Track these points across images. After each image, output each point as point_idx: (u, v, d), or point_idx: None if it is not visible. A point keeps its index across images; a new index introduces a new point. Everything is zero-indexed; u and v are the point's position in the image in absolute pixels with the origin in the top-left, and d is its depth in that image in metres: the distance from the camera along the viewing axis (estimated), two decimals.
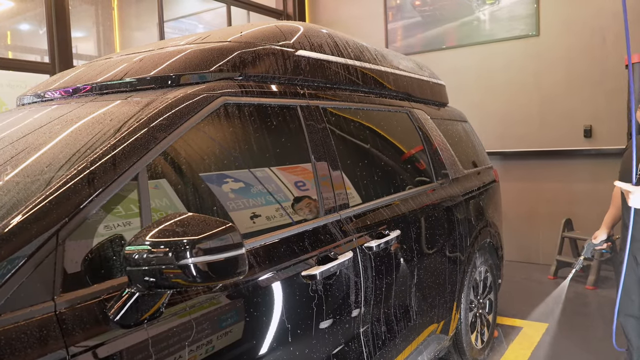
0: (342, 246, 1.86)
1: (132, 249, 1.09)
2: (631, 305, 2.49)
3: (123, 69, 1.85)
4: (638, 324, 2.51)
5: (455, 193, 2.88)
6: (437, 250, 2.55)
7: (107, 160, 1.27)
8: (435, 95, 3.40)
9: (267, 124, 1.83)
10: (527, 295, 4.47)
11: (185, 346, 1.27)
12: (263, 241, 1.58)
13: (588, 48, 4.98)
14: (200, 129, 1.58)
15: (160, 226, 1.11)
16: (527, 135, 5.37)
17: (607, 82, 4.76)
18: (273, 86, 1.91)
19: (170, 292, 1.19)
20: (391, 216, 2.22)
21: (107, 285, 1.17)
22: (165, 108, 1.49)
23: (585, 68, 4.93)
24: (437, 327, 2.62)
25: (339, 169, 2.04)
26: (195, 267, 1.07)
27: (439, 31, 5.87)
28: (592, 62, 4.84)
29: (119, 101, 1.62)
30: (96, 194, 1.21)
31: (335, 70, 2.28)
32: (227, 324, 1.41)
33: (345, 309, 1.84)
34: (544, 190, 5.37)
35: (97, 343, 1.09)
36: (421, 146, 2.84)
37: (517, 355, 3.26)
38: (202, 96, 1.59)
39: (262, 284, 1.52)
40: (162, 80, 1.72)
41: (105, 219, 1.27)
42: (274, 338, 1.54)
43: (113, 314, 1.13)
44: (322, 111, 2.07)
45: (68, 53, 4.22)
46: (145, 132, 1.39)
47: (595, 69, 4.84)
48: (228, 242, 1.12)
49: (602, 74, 4.71)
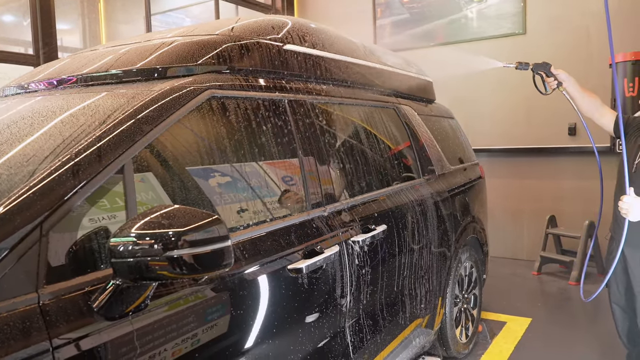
0: (328, 240, 1.87)
1: (117, 241, 1.09)
2: (618, 295, 2.56)
3: (109, 61, 1.83)
4: (622, 313, 2.58)
5: (442, 189, 2.91)
6: (423, 245, 2.57)
7: (92, 152, 1.26)
8: (423, 92, 3.42)
9: (255, 118, 1.83)
10: (511, 291, 4.53)
11: (171, 339, 1.27)
12: (249, 234, 1.58)
13: (573, 47, 5.04)
14: (187, 122, 1.57)
15: (146, 218, 1.11)
16: (513, 132, 5.43)
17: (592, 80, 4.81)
18: (261, 80, 1.90)
19: (155, 285, 1.18)
20: (377, 211, 2.23)
21: (91, 277, 1.17)
22: (151, 100, 1.48)
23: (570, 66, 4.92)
24: (422, 322, 2.65)
25: (325, 163, 2.04)
26: (181, 259, 1.07)
27: (427, 28, 5.90)
28: (577, 61, 4.90)
29: (104, 93, 1.61)
30: (80, 185, 1.20)
31: (324, 65, 2.28)
32: (213, 317, 1.41)
33: (331, 302, 1.85)
34: (529, 187, 5.43)
35: (81, 335, 1.09)
36: (408, 142, 2.85)
37: (501, 349, 3.30)
38: (189, 89, 1.59)
39: (248, 277, 1.52)
40: (149, 72, 1.71)
41: (91, 211, 1.26)
42: (260, 331, 1.54)
43: (97, 306, 1.12)
44: (309, 106, 2.07)
45: (53, 45, 4.16)
46: (131, 124, 1.38)
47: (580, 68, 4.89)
48: (214, 235, 1.12)
49: (587, 72, 4.76)
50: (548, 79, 2.61)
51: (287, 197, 1.91)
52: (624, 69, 4.50)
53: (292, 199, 1.91)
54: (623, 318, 2.60)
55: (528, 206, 5.45)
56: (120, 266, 1.09)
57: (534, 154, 5.35)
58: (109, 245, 1.09)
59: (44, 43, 4.10)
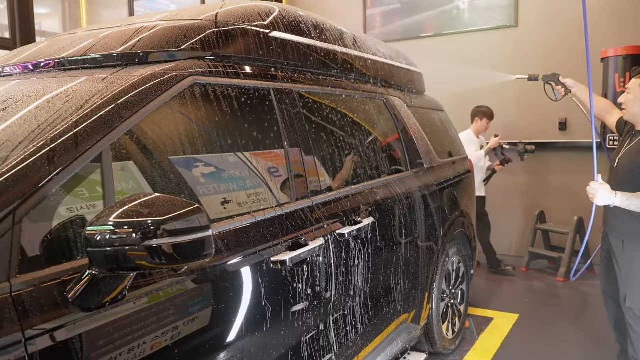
0: (313, 232, 1.87)
1: (93, 230, 1.08)
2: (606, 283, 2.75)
3: (88, 45, 1.81)
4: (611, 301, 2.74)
5: (430, 182, 2.92)
6: (410, 239, 2.58)
7: (69, 138, 1.25)
8: (412, 83, 3.43)
9: (239, 106, 1.82)
10: (499, 287, 4.58)
11: (150, 332, 1.27)
12: (232, 225, 1.58)
13: (565, 40, 5.08)
14: (169, 109, 1.56)
15: (124, 206, 1.10)
16: (503, 126, 5.46)
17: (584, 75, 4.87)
18: (246, 67, 1.89)
19: (133, 275, 1.18)
20: (364, 204, 2.24)
21: (66, 266, 1.16)
22: (131, 86, 1.46)
23: (562, 60, 5.02)
24: (408, 317, 2.67)
25: (312, 154, 2.04)
26: (160, 248, 1.06)
27: (418, 19, 5.90)
28: (569, 54, 4.94)
29: (83, 78, 1.58)
30: (56, 172, 1.18)
31: (311, 54, 2.27)
32: (194, 309, 1.40)
33: (314, 296, 1.86)
34: (518, 182, 5.49)
35: (55, 326, 1.08)
36: (396, 134, 2.86)
37: (487, 345, 3.35)
38: (171, 75, 1.57)
39: (230, 269, 1.52)
40: (130, 57, 1.69)
41: (68, 200, 1.25)
42: (241, 324, 1.54)
43: (73, 296, 1.11)
44: (296, 95, 2.06)
45: (30, 29, 4.09)
46: (110, 110, 1.36)
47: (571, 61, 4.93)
48: (194, 224, 1.12)
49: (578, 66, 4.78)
50: (557, 87, 2.92)
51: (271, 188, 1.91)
52: (615, 64, 4.55)
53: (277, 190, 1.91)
54: (610, 305, 2.78)
55: (517, 201, 5.51)
56: (96, 256, 1.08)
57: None
58: (85, 234, 1.08)
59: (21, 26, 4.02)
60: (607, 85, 4.62)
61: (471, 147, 4.72)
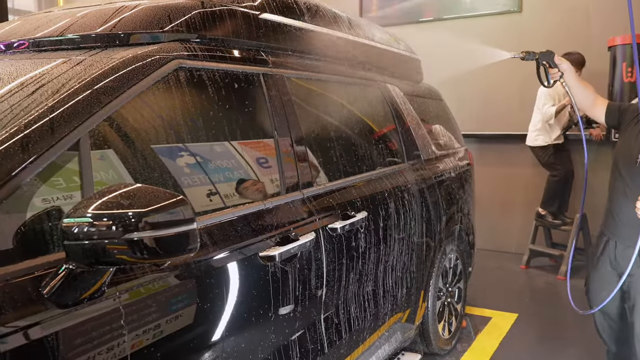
0: (304, 227, 1.87)
1: (70, 222, 1.07)
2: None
3: (65, 24, 1.79)
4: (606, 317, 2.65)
5: (427, 175, 2.93)
6: (406, 234, 2.59)
7: (44, 123, 1.23)
8: (410, 71, 3.43)
9: (226, 92, 1.81)
10: (498, 285, 4.62)
11: (130, 330, 1.26)
12: (218, 218, 1.57)
13: (571, 27, 5.09)
14: (151, 94, 1.55)
15: (103, 197, 1.09)
16: (505, 117, 5.48)
17: (590, 64, 4.88)
18: (234, 51, 1.88)
19: (113, 270, 1.17)
20: (358, 197, 2.24)
21: (41, 261, 1.15)
22: (111, 69, 1.45)
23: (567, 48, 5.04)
24: (402, 316, 2.69)
25: (303, 144, 2.04)
26: (142, 242, 1.06)
27: (417, 3, 5.89)
28: (574, 42, 4.95)
29: (59, 60, 1.57)
30: (30, 160, 1.17)
31: (303, 38, 2.26)
32: (177, 307, 1.40)
33: (305, 293, 1.86)
34: (520, 176, 5.52)
35: (29, 323, 1.07)
36: (393, 124, 2.86)
37: (485, 345, 3.38)
38: (154, 58, 1.56)
39: (216, 264, 1.52)
40: (109, 38, 1.68)
41: (43, 190, 1.24)
42: (227, 323, 1.54)
43: (48, 292, 1.10)
44: (287, 81, 2.06)
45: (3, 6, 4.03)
46: (88, 94, 1.35)
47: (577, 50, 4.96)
48: (178, 217, 1.11)
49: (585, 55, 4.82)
50: (551, 70, 2.62)
51: (259, 180, 1.90)
52: (623, 53, 4.56)
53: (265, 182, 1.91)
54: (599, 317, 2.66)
55: (518, 196, 5.54)
56: (74, 249, 1.07)
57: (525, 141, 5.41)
58: (62, 226, 1.07)
59: None
60: (614, 75, 4.63)
61: (548, 102, 4.71)
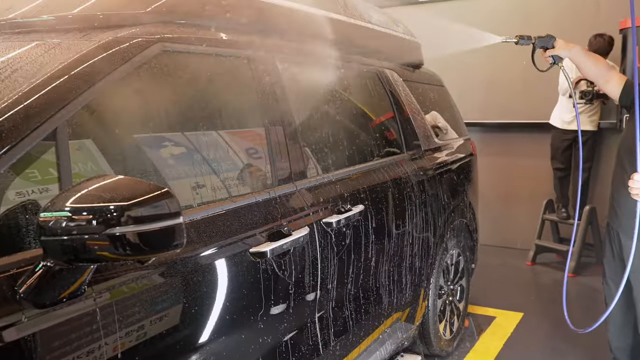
0: (297, 221, 1.88)
1: (48, 216, 1.07)
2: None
3: (39, 5, 1.78)
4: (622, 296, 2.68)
5: (428, 166, 2.94)
6: (405, 229, 2.61)
7: (18, 111, 1.23)
8: (410, 55, 3.43)
9: (213, 78, 1.80)
10: (502, 283, 4.65)
11: (113, 331, 1.27)
12: (206, 213, 1.58)
13: (579, 10, 5.10)
14: (133, 80, 1.54)
15: (82, 190, 1.09)
16: (510, 105, 5.49)
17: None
18: (221, 33, 1.87)
19: (94, 267, 1.17)
20: (354, 189, 2.25)
21: (17, 258, 1.15)
22: (89, 53, 1.44)
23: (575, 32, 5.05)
24: (401, 315, 2.71)
25: (296, 133, 2.04)
26: (125, 237, 1.06)
27: None
28: (582, 27, 4.95)
29: (33, 43, 1.56)
30: (3, 151, 1.17)
31: (296, 20, 2.25)
32: (162, 306, 1.41)
33: (299, 292, 1.87)
34: (526, 167, 5.54)
35: (4, 325, 1.07)
36: (391, 112, 2.86)
37: (488, 346, 3.41)
38: (135, 41, 1.55)
39: (203, 261, 1.52)
40: (88, 19, 1.66)
41: (17, 183, 1.24)
42: (216, 323, 1.55)
43: (25, 291, 1.10)
44: (279, 66, 2.05)
45: None
46: (65, 80, 1.34)
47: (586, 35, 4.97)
48: (163, 210, 1.11)
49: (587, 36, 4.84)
50: (544, 54, 2.65)
51: (250, 171, 1.90)
52: (637, 36, 4.57)
53: (255, 174, 1.91)
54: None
55: (524, 189, 5.57)
56: (51, 245, 1.07)
57: (531, 130, 5.44)
58: (38, 221, 1.07)
59: None
60: (626, 60, 4.65)
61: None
